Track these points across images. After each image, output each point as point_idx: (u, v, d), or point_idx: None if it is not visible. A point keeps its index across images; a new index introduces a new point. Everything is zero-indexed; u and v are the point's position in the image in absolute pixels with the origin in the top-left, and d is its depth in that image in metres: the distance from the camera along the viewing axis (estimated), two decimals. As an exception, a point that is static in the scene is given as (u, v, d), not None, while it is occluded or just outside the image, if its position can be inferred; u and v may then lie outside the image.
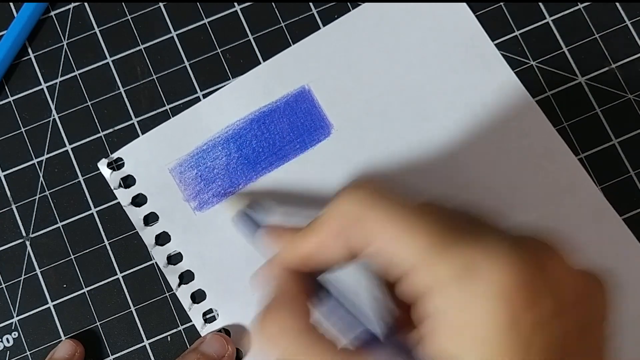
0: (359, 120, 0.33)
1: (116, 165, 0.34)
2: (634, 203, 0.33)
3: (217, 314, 0.32)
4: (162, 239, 0.33)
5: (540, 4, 0.35)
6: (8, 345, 0.32)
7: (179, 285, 0.33)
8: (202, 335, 0.32)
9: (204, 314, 0.32)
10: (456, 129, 0.33)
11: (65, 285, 0.33)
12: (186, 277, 0.33)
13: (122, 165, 0.34)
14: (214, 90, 0.34)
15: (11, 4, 0.35)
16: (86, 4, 0.35)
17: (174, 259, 0.33)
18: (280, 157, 0.33)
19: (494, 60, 0.34)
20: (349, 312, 0.23)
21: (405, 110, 0.33)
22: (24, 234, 0.33)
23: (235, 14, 0.35)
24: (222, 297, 0.32)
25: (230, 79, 0.34)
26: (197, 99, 0.34)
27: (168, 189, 0.33)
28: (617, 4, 0.35)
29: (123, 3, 0.35)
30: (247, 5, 0.35)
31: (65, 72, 0.35)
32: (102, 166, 0.33)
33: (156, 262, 0.33)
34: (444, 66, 0.34)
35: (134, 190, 0.33)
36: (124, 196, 0.33)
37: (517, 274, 0.18)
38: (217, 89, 0.34)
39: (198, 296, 0.32)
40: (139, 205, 0.33)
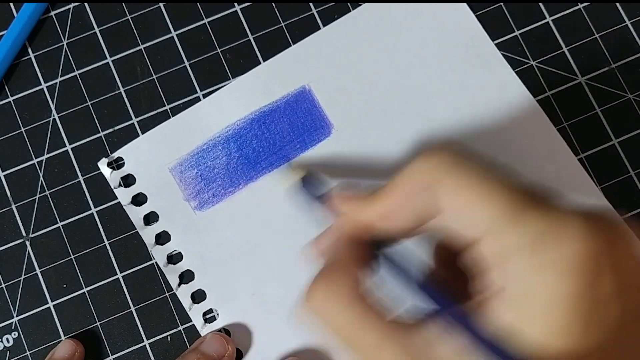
0: (359, 120, 0.33)
1: (116, 164, 0.34)
2: (634, 203, 0.33)
3: (217, 314, 0.32)
4: (162, 238, 0.33)
5: (540, 4, 0.35)
6: (8, 345, 0.32)
7: (179, 285, 0.33)
8: (202, 335, 0.32)
9: (204, 314, 0.32)
10: (456, 129, 0.33)
11: (65, 285, 0.33)
12: (186, 277, 0.33)
13: (122, 164, 0.34)
14: (214, 90, 0.34)
15: (11, 4, 0.35)
16: (86, 4, 0.35)
17: (174, 258, 0.33)
18: (281, 157, 0.33)
19: (494, 60, 0.34)
20: (404, 283, 0.22)
21: (405, 110, 0.33)
22: (24, 234, 0.33)
23: (235, 14, 0.35)
24: (222, 297, 0.32)
25: (230, 79, 0.34)
26: (197, 99, 0.34)
27: (168, 189, 0.33)
28: (617, 4, 0.35)
29: (123, 3, 0.35)
30: (247, 5, 0.35)
31: (65, 72, 0.35)
32: (102, 166, 0.33)
33: (156, 262, 0.33)
34: (444, 66, 0.34)
35: (134, 190, 0.33)
36: (124, 196, 0.33)
37: (588, 249, 0.18)
38: (217, 89, 0.34)
39: (198, 296, 0.32)
40: (139, 205, 0.33)
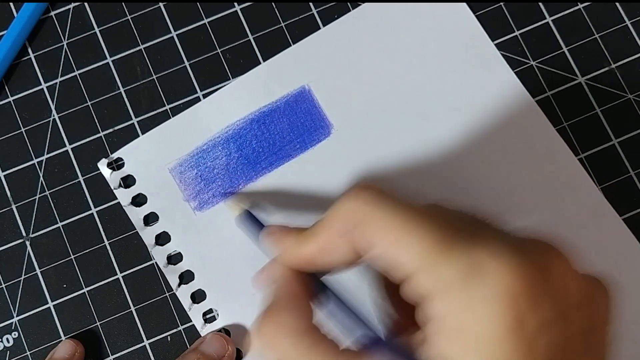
0: (359, 120, 0.33)
1: (116, 165, 0.34)
2: (634, 203, 0.33)
3: (217, 314, 0.32)
4: (162, 239, 0.33)
5: (540, 4, 0.35)
6: (8, 345, 0.32)
7: (179, 285, 0.33)
8: (202, 335, 0.32)
9: (204, 314, 0.32)
10: (456, 129, 0.33)
11: (65, 285, 0.33)
12: (186, 277, 0.33)
13: (122, 165, 0.34)
14: (214, 90, 0.34)
15: (11, 4, 0.35)
16: (86, 4, 0.35)
17: (174, 259, 0.33)
18: (281, 157, 0.33)
19: (494, 60, 0.34)
20: (351, 313, 0.22)
21: (405, 110, 0.33)
22: (24, 234, 0.33)
23: (235, 14, 0.35)
24: (222, 297, 0.32)
25: (230, 79, 0.34)
26: (197, 99, 0.34)
27: (168, 189, 0.33)
28: (617, 4, 0.35)
29: (123, 3, 0.35)
30: (247, 5, 0.35)
31: (65, 72, 0.35)
32: (102, 166, 0.33)
33: (156, 262, 0.33)
34: (444, 66, 0.34)
35: (134, 190, 0.33)
36: (124, 196, 0.33)
37: (523, 277, 0.18)
38: (217, 89, 0.34)
39: (198, 296, 0.32)
40: (139, 205, 0.33)
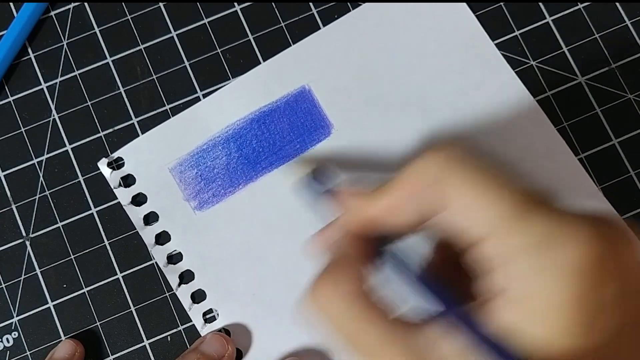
0: (359, 120, 0.33)
1: (116, 164, 0.34)
2: (634, 203, 0.33)
3: (217, 314, 0.32)
4: (162, 238, 0.33)
5: (540, 4, 0.35)
6: (8, 345, 0.32)
7: (179, 285, 0.33)
8: (202, 335, 0.32)
9: (204, 314, 0.32)
10: (456, 129, 0.33)
11: (65, 285, 0.33)
12: (186, 277, 0.33)
13: (122, 164, 0.34)
14: (214, 90, 0.34)
15: (11, 4, 0.35)
16: (86, 4, 0.35)
17: (174, 258, 0.33)
18: (281, 157, 0.33)
19: (494, 60, 0.34)
20: (407, 281, 0.21)
21: (405, 110, 0.33)
22: (24, 234, 0.33)
23: (235, 14, 0.35)
24: (222, 297, 0.32)
25: (230, 79, 0.34)
26: (197, 99, 0.34)
27: (168, 189, 0.33)
28: (617, 4, 0.35)
29: (123, 3, 0.35)
30: (247, 5, 0.35)
31: (65, 72, 0.35)
32: (102, 166, 0.33)
33: (156, 262, 0.33)
34: (444, 66, 0.34)
35: (134, 190, 0.33)
36: (124, 196, 0.33)
37: (595, 251, 0.18)
38: (217, 89, 0.34)
39: (198, 296, 0.32)
40: (139, 205, 0.33)
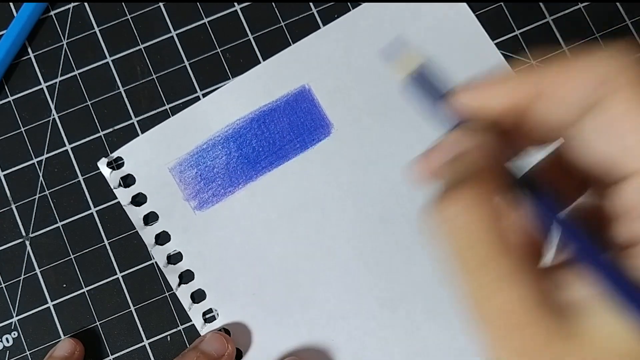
0: (359, 120, 0.33)
1: (116, 164, 0.34)
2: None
3: (217, 314, 0.32)
4: (162, 238, 0.33)
5: (541, 4, 0.35)
6: (8, 345, 0.32)
7: (179, 285, 0.32)
8: (202, 334, 0.32)
9: (204, 313, 0.32)
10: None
11: (65, 285, 0.33)
12: (186, 276, 0.33)
13: (122, 164, 0.33)
14: (214, 90, 0.34)
15: (11, 4, 0.35)
16: (86, 3, 0.35)
17: (174, 258, 0.33)
18: (281, 156, 0.33)
19: (494, 60, 0.34)
20: (541, 215, 0.18)
21: (405, 109, 0.33)
22: (24, 233, 0.33)
23: (235, 13, 0.35)
24: (222, 297, 0.32)
25: (230, 79, 0.34)
26: (197, 99, 0.34)
27: (168, 188, 0.33)
28: (617, 4, 0.35)
29: (123, 3, 0.35)
30: (247, 5, 0.35)
31: (65, 72, 0.35)
32: (102, 165, 0.33)
33: (156, 262, 0.33)
34: (444, 66, 0.34)
35: (134, 190, 0.33)
36: (124, 195, 0.33)
37: None
38: (217, 89, 0.34)
39: (198, 296, 0.32)
40: (139, 205, 0.33)
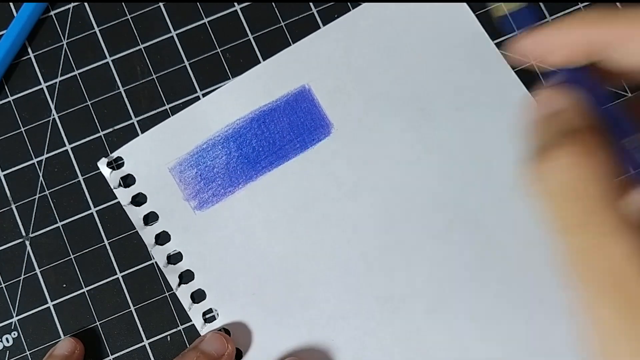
0: (359, 120, 0.33)
1: (116, 164, 0.34)
2: (634, 202, 0.33)
3: (217, 314, 0.32)
4: (162, 238, 0.33)
5: (541, 4, 0.35)
6: (8, 345, 0.32)
7: (179, 285, 0.32)
8: (202, 334, 0.32)
9: (204, 313, 0.32)
10: (456, 129, 0.33)
11: (65, 285, 0.33)
12: (186, 276, 0.33)
13: (122, 164, 0.33)
14: (214, 90, 0.34)
15: (11, 4, 0.35)
16: (86, 3, 0.35)
17: (174, 258, 0.33)
18: (281, 156, 0.33)
19: (494, 60, 0.34)
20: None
21: (405, 110, 0.33)
22: (24, 233, 0.33)
23: (235, 13, 0.35)
24: (222, 297, 0.32)
25: (230, 79, 0.34)
26: (197, 99, 0.34)
27: (168, 188, 0.33)
28: (617, 4, 0.35)
29: (123, 3, 0.35)
30: (247, 5, 0.35)
31: (65, 72, 0.35)
32: (102, 165, 0.33)
33: (156, 262, 0.33)
34: (444, 66, 0.34)
35: (134, 190, 0.33)
36: (124, 195, 0.33)
37: None
38: (217, 89, 0.34)
39: (198, 296, 0.32)
40: (139, 205, 0.33)
